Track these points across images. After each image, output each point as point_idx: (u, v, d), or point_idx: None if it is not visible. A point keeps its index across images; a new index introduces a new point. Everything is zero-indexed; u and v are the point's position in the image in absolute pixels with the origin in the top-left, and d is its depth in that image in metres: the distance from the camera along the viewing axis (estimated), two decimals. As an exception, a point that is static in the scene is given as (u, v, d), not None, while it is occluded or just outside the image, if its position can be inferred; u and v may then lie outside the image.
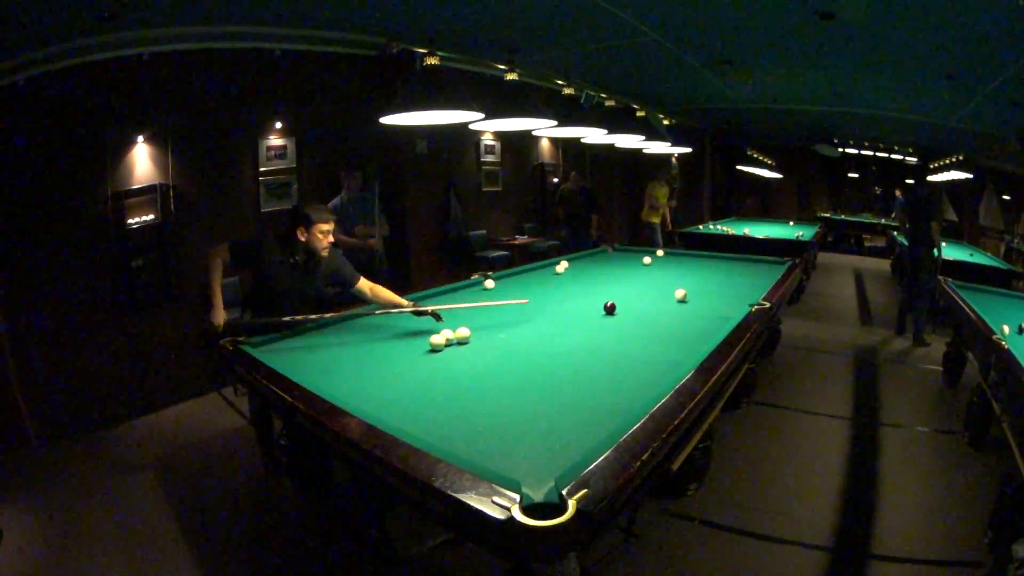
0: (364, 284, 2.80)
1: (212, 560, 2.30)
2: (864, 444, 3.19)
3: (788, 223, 9.16)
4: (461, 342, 2.44)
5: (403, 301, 2.82)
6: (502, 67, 4.02)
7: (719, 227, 7.75)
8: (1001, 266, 5.90)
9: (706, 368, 1.98)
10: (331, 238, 2.64)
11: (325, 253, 2.66)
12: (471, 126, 3.91)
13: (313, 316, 2.60)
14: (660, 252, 4.95)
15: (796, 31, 4.17)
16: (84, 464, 3.15)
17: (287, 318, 2.52)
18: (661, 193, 7.90)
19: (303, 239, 2.59)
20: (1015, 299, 3.85)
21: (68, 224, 3.59)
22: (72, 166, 3.58)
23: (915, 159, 10.65)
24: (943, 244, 5.03)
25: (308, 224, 2.56)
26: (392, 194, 5.74)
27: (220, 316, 2.39)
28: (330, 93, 4.93)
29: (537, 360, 2.28)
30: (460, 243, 6.21)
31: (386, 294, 2.83)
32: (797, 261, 4.35)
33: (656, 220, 7.88)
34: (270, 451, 2.56)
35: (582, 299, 3.04)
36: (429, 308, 2.72)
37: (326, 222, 2.58)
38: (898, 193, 9.41)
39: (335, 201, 4.32)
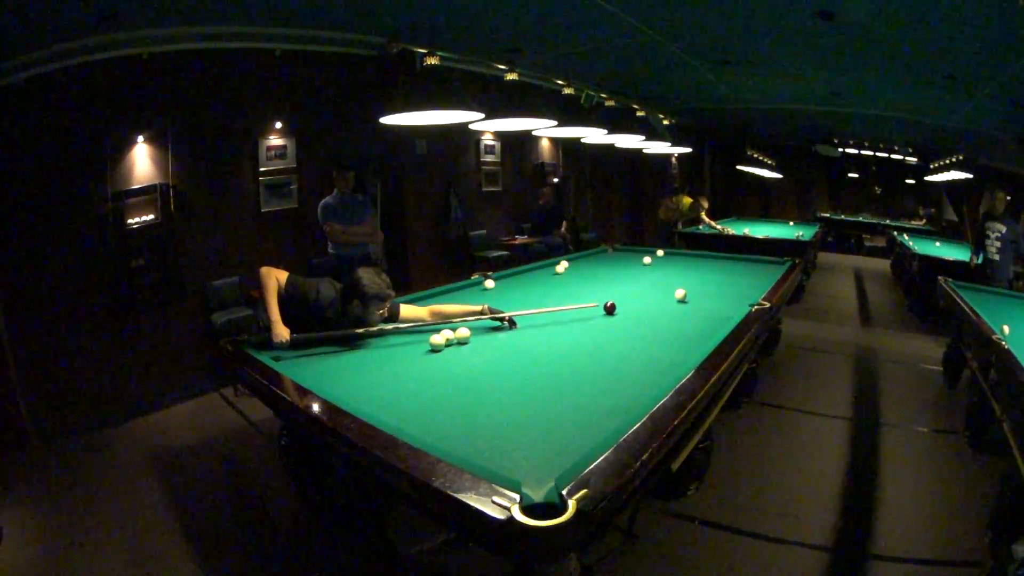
0: (409, 310, 2.66)
1: (212, 560, 2.30)
2: (864, 444, 3.18)
3: (788, 223, 9.15)
4: (461, 342, 2.44)
5: (473, 308, 2.68)
6: (502, 67, 4.02)
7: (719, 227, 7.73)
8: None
9: (706, 368, 1.98)
10: (386, 313, 2.53)
11: (374, 327, 2.53)
12: (471, 126, 3.91)
13: (373, 329, 2.50)
14: (660, 252, 4.95)
15: (796, 31, 4.16)
16: (84, 464, 3.15)
17: (343, 331, 2.46)
18: (686, 203, 7.67)
19: (357, 312, 2.49)
20: (1015, 299, 3.85)
21: (68, 224, 3.59)
22: (72, 166, 3.58)
23: (915, 159, 10.64)
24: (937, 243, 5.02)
25: (365, 302, 2.44)
26: (392, 194, 5.74)
27: (284, 331, 2.34)
28: (330, 93, 4.93)
29: (537, 360, 2.28)
30: (460, 243, 6.21)
31: (450, 308, 2.70)
32: (797, 261, 4.35)
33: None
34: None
35: (582, 299, 3.04)
36: (507, 314, 2.65)
37: (384, 299, 2.47)
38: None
39: (326, 200, 4.30)
